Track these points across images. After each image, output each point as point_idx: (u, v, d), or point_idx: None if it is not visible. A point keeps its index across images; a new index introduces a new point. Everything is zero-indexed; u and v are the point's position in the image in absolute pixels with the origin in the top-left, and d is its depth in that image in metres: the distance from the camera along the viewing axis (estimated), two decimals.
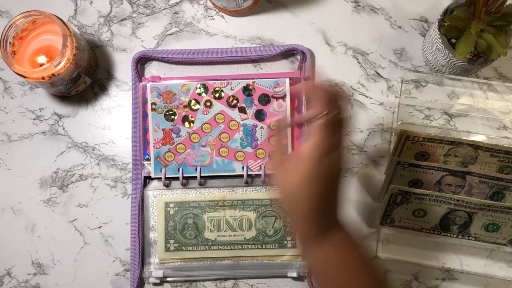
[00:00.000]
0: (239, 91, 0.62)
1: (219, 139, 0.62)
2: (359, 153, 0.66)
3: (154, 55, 0.65)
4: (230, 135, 0.62)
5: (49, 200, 0.65)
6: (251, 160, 0.62)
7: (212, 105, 0.63)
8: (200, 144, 0.62)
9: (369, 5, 0.69)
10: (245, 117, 0.62)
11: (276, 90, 0.62)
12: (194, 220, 0.62)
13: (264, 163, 0.62)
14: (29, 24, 0.62)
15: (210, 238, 0.62)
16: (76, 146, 0.66)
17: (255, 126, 0.62)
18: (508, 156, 0.59)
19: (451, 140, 0.58)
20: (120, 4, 0.69)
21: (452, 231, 0.60)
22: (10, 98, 0.67)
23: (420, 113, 0.67)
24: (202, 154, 0.62)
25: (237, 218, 0.62)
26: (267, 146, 0.62)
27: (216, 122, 0.63)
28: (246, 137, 0.62)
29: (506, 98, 0.67)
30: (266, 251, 0.62)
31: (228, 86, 0.62)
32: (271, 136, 0.62)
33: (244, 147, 0.62)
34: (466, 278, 0.64)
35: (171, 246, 0.62)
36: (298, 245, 0.61)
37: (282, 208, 0.59)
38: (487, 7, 0.57)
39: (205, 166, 0.62)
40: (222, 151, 0.62)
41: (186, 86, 0.62)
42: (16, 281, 0.64)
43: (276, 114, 0.62)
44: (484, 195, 0.59)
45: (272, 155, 0.58)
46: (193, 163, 0.62)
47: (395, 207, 0.59)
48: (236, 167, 0.62)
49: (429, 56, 0.65)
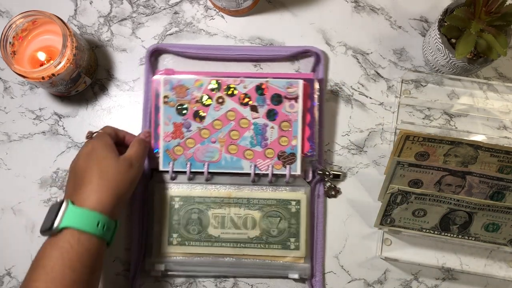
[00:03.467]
0: (251, 90, 0.62)
1: (229, 136, 0.62)
2: (359, 153, 0.66)
3: (169, 48, 0.66)
4: (240, 133, 0.62)
5: (49, 200, 0.65)
6: (259, 159, 0.62)
7: (224, 102, 0.62)
8: (210, 140, 0.62)
9: (369, 5, 0.69)
10: (256, 115, 0.62)
11: (289, 91, 0.62)
12: (198, 216, 0.62)
13: (272, 163, 0.62)
14: (29, 24, 0.62)
15: (213, 234, 0.62)
16: (76, 146, 0.66)
17: (266, 125, 0.62)
18: (508, 156, 0.59)
19: (451, 140, 0.58)
20: (120, 4, 0.69)
21: (452, 231, 0.60)
22: (10, 98, 0.67)
23: (420, 113, 0.67)
24: (211, 150, 0.62)
25: (241, 216, 0.62)
26: (277, 146, 0.62)
27: (227, 119, 0.62)
28: (256, 136, 0.62)
29: (506, 98, 0.67)
30: (269, 251, 0.62)
31: (241, 84, 0.62)
32: None
33: (253, 145, 0.62)
34: (466, 278, 0.64)
35: (174, 240, 0.62)
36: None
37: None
38: (487, 7, 0.57)
39: (214, 162, 0.62)
40: (231, 148, 0.62)
41: (200, 81, 0.62)
42: (16, 281, 0.64)
43: (287, 115, 0.62)
44: (484, 195, 0.59)
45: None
46: (201, 158, 0.62)
47: (395, 207, 0.59)
48: (244, 165, 0.62)
49: (429, 56, 0.65)
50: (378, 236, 0.64)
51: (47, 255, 0.48)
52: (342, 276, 0.64)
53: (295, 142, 0.62)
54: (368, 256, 0.64)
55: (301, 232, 0.62)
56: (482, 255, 0.64)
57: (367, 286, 0.64)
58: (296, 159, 0.62)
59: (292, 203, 0.62)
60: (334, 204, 0.65)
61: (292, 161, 0.62)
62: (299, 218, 0.62)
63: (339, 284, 0.64)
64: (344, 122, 0.67)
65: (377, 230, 0.64)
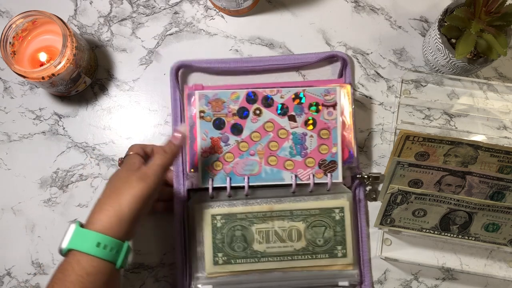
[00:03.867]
0: (289, 99, 0.61)
1: (268, 148, 0.61)
2: (359, 153, 0.66)
3: (193, 64, 0.65)
4: (279, 144, 0.61)
5: (49, 200, 0.65)
6: (300, 169, 0.61)
7: (261, 113, 0.61)
8: (249, 153, 0.61)
9: (369, 5, 0.69)
10: (294, 125, 0.61)
11: (327, 98, 0.61)
12: (242, 232, 0.60)
13: (313, 172, 0.61)
14: (29, 24, 0.62)
15: (259, 250, 0.60)
16: (76, 146, 0.66)
17: (305, 134, 0.61)
18: (508, 156, 0.59)
19: (451, 140, 0.58)
20: (120, 4, 0.69)
21: (452, 231, 0.60)
22: (10, 98, 0.67)
23: (420, 113, 0.67)
24: (250, 163, 0.61)
25: (286, 229, 0.61)
26: (317, 155, 0.61)
27: (265, 130, 0.61)
28: (296, 146, 0.61)
29: (506, 98, 0.67)
30: (316, 261, 0.60)
31: (278, 94, 0.61)
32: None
33: (293, 155, 0.61)
34: (466, 278, 0.64)
35: (220, 259, 0.60)
36: None
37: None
38: (487, 7, 0.57)
39: (254, 175, 0.61)
40: (271, 160, 0.61)
41: (236, 94, 0.61)
42: (16, 281, 0.64)
43: (326, 123, 0.61)
44: (484, 195, 0.59)
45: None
46: (241, 172, 0.61)
47: (395, 207, 0.59)
48: (285, 176, 0.61)
49: (429, 56, 0.65)
50: (378, 236, 0.64)
51: (53, 276, 0.48)
52: None
53: (335, 150, 0.61)
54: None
55: (347, 239, 0.61)
56: (482, 255, 0.64)
57: None
58: (337, 167, 0.61)
59: (336, 211, 0.61)
60: None
61: (333, 169, 0.61)
62: (344, 225, 0.61)
63: None
64: None
65: (377, 230, 0.64)
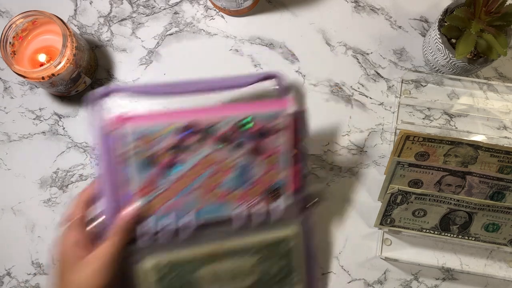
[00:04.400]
0: (233, 127, 0.52)
1: (211, 181, 0.52)
2: (359, 153, 0.66)
3: (123, 89, 0.54)
4: (223, 176, 0.53)
5: (49, 200, 0.65)
6: (246, 199, 0.54)
7: (203, 144, 0.51)
8: (190, 188, 0.52)
9: (369, 5, 0.69)
10: (239, 154, 0.52)
11: (275, 123, 0.53)
12: (187, 279, 0.54)
13: (259, 202, 0.54)
14: (29, 24, 0.62)
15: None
16: (76, 146, 0.66)
17: (251, 162, 0.53)
18: (508, 156, 0.59)
19: (451, 140, 0.58)
20: (120, 4, 0.69)
21: (452, 231, 0.60)
22: (10, 98, 0.67)
23: (420, 113, 0.67)
24: (191, 200, 0.52)
25: (234, 267, 0.55)
26: (263, 183, 0.54)
27: (207, 162, 0.52)
28: (241, 176, 0.53)
29: (506, 98, 0.67)
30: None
31: (220, 122, 0.51)
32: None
33: (238, 187, 0.53)
34: (466, 278, 0.64)
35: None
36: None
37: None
38: (487, 7, 0.57)
39: (196, 212, 0.52)
40: (213, 194, 0.52)
41: (173, 125, 0.50)
42: (16, 281, 0.64)
43: (273, 149, 0.53)
44: (484, 195, 0.59)
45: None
46: (182, 210, 0.52)
47: (395, 207, 0.59)
48: (230, 209, 0.53)
49: (429, 56, 0.65)
50: (378, 236, 0.64)
51: None
52: (342, 276, 0.64)
53: (282, 175, 0.54)
54: (368, 256, 0.64)
55: (301, 265, 0.57)
56: (482, 255, 0.64)
57: (367, 286, 0.64)
58: (283, 193, 0.54)
59: (286, 240, 0.56)
60: (334, 204, 0.65)
61: (279, 196, 0.54)
62: (297, 252, 0.57)
63: (339, 284, 0.64)
64: (344, 122, 0.67)
65: (377, 230, 0.64)
